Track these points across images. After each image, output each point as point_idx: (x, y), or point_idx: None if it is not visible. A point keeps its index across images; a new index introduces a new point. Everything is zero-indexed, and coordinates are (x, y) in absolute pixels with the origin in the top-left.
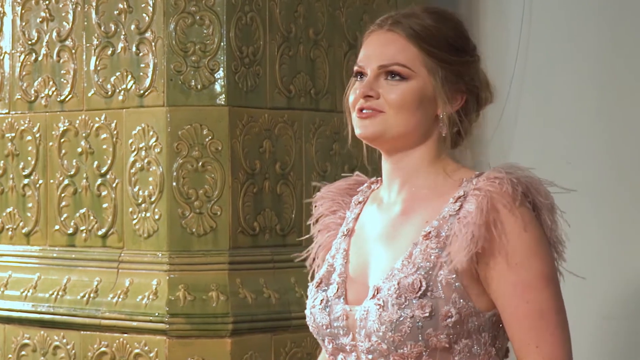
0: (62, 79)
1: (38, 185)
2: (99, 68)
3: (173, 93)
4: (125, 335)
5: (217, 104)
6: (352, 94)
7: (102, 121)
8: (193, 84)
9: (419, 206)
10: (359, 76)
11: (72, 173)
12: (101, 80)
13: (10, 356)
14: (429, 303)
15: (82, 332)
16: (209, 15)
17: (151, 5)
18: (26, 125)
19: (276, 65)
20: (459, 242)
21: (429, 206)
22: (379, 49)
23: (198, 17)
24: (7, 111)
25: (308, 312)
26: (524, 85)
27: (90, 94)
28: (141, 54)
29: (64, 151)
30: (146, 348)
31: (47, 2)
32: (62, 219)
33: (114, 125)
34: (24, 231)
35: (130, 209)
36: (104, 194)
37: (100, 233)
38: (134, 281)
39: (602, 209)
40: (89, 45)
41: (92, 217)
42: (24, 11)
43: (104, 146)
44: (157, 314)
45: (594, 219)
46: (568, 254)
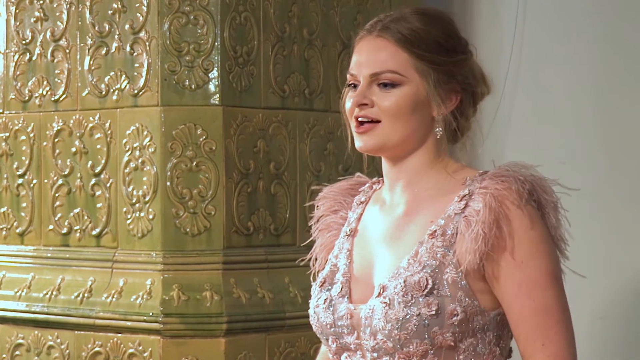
0: (56, 79)
1: (32, 185)
2: (93, 68)
3: (167, 93)
4: (119, 335)
5: (211, 104)
6: (348, 102)
7: (96, 121)
8: (187, 83)
9: (422, 206)
10: (352, 86)
11: (66, 173)
12: (95, 80)
13: (4, 356)
14: (435, 301)
15: (76, 332)
16: (203, 15)
17: (145, 5)
18: (20, 125)
19: (270, 65)
20: (468, 242)
21: (433, 206)
22: (369, 55)
23: (192, 17)
24: (1, 111)
25: (312, 311)
26: (518, 85)
27: (84, 94)
28: (135, 54)
29: (58, 151)
30: (140, 348)
31: (41, 1)
32: (56, 218)
33: (108, 125)
34: (18, 231)
35: (124, 209)
36: (98, 193)
37: (94, 233)
38: (128, 281)
39: (597, 209)
40: (83, 45)
41: (86, 217)
42: (18, 11)
43: (98, 146)
44: (151, 314)
45: (588, 219)
46: (567, 254)
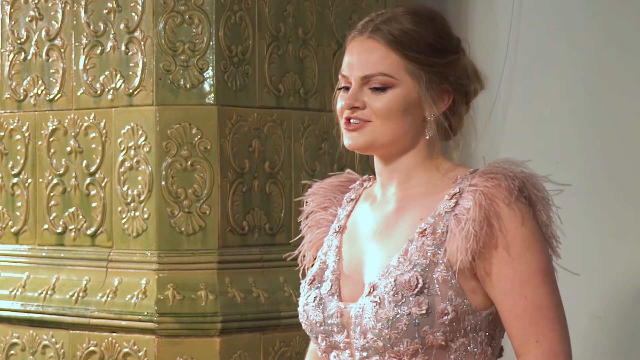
0: (51, 78)
1: (27, 185)
2: (88, 67)
3: (162, 92)
4: (114, 334)
5: (206, 103)
6: (339, 102)
7: (91, 120)
8: (182, 83)
9: (413, 204)
10: (344, 89)
11: (61, 172)
12: (90, 80)
13: None
14: (425, 300)
15: (71, 332)
16: (198, 15)
17: (140, 4)
18: (15, 124)
19: (265, 65)
20: (459, 241)
21: (424, 204)
22: (360, 57)
23: (187, 17)
24: None
25: (301, 309)
26: (513, 84)
27: (79, 93)
28: (130, 53)
29: (53, 150)
30: (135, 347)
31: (36, 1)
32: (51, 218)
33: (103, 124)
34: (12, 230)
35: (119, 208)
36: (93, 193)
37: (89, 232)
38: (122, 280)
39: (591, 208)
40: (78, 44)
41: (81, 216)
42: (13, 10)
43: (93, 145)
44: (146, 313)
45: (583, 218)
46: (559, 252)
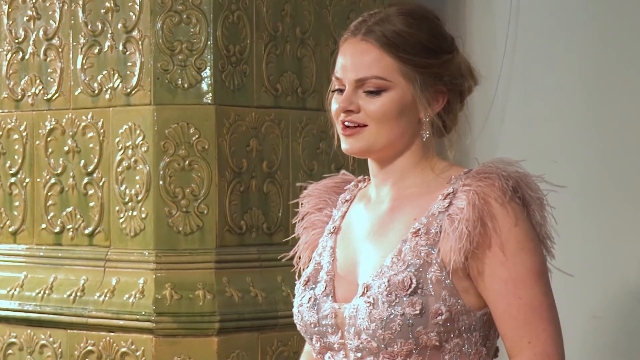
0: (49, 78)
1: (25, 184)
2: (85, 67)
3: (160, 92)
4: (112, 334)
5: (203, 103)
6: (334, 105)
7: (89, 120)
8: (180, 82)
9: (407, 204)
10: (338, 91)
11: (59, 172)
12: (88, 79)
13: None
14: (419, 300)
15: (69, 331)
16: (195, 14)
17: (138, 4)
18: (13, 123)
19: (263, 64)
20: (453, 241)
21: (417, 204)
22: (354, 59)
23: (185, 16)
24: None
25: (295, 310)
26: (511, 84)
27: (77, 93)
28: (128, 53)
29: (50, 150)
30: (133, 347)
31: (34, 0)
32: (49, 217)
33: (100, 123)
34: (10, 230)
35: (117, 208)
36: (90, 192)
37: (87, 232)
38: (120, 280)
39: (588, 208)
40: (75, 43)
41: (78, 216)
42: (10, 10)
43: (91, 145)
44: (143, 313)
45: (580, 218)
46: (555, 252)
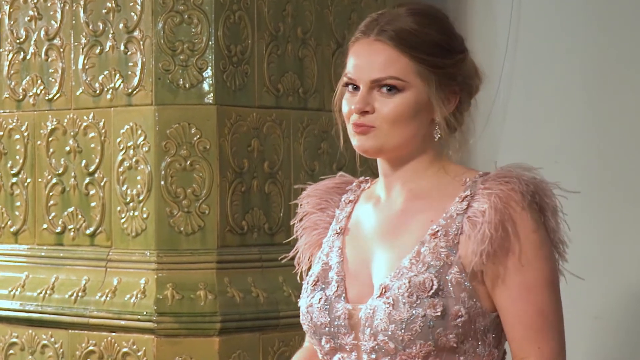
0: (50, 78)
1: (26, 184)
2: (87, 67)
3: (161, 92)
4: (113, 334)
5: (205, 103)
6: (346, 105)
7: (90, 120)
8: (181, 82)
9: (421, 205)
10: (350, 86)
11: (60, 172)
12: (89, 79)
13: None
14: (440, 302)
15: (70, 331)
16: (197, 14)
17: (139, 4)
18: (14, 124)
19: (264, 64)
20: (474, 243)
21: (432, 206)
22: (368, 60)
23: (186, 16)
24: None
25: (304, 310)
26: (513, 84)
27: (78, 93)
28: (129, 53)
29: (52, 150)
30: (134, 347)
31: (36, 0)
32: (50, 217)
33: (102, 124)
34: (12, 230)
35: (119, 208)
36: (92, 192)
37: (88, 232)
38: (122, 280)
39: (590, 208)
40: (77, 44)
41: (80, 216)
42: (12, 10)
43: (92, 145)
44: (145, 313)
45: (582, 218)
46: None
